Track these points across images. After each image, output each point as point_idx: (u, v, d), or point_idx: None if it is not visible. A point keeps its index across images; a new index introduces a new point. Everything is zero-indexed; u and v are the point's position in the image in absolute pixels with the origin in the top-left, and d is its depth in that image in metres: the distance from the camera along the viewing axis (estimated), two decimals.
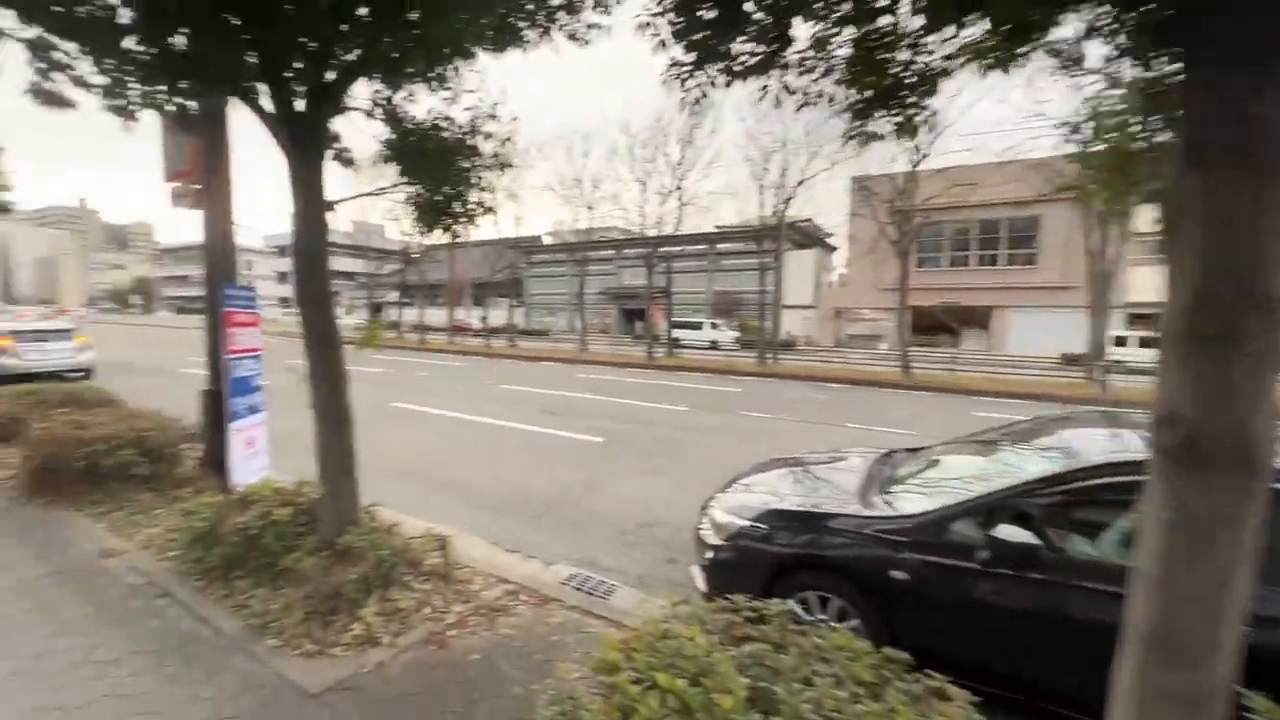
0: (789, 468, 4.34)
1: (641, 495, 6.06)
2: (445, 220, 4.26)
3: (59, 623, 3.07)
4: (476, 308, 51.80)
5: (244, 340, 4.86)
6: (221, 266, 4.74)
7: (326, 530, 3.66)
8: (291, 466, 6.42)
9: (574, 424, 9.62)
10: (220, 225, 4.76)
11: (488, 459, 7.40)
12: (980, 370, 18.73)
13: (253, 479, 4.96)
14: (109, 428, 5.30)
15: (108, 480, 5.07)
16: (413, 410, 10.68)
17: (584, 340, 24.30)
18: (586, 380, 16.02)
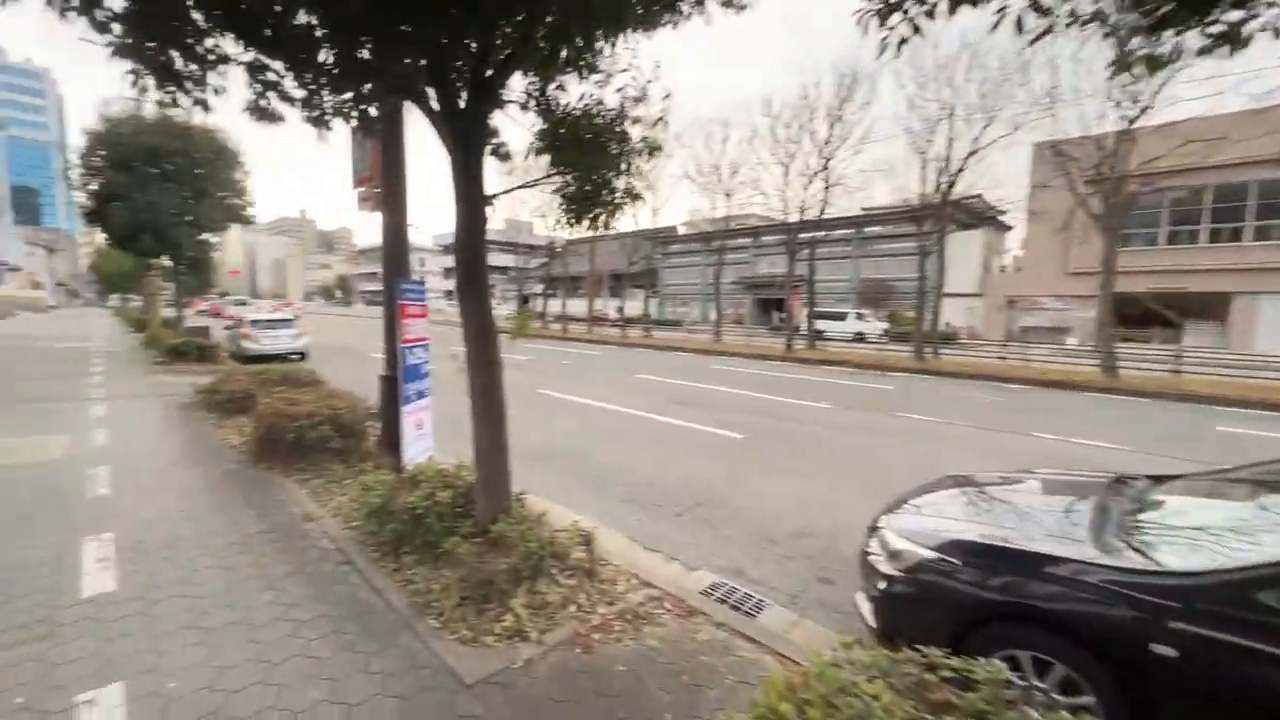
0: (972, 488, 3.64)
1: (788, 499, 5.60)
2: (593, 210, 4.18)
3: (268, 579, 3.49)
4: (613, 299, 53.72)
5: (415, 330, 5.27)
6: (397, 262, 5.16)
7: (481, 515, 3.78)
8: (452, 449, 6.99)
9: (710, 417, 9.34)
10: (396, 225, 5.18)
11: (625, 449, 7.40)
12: (1218, 372, 14.98)
13: (420, 458, 5.39)
14: (312, 405, 6.12)
15: (310, 451, 5.85)
16: (556, 397, 11.16)
17: (718, 331, 23.85)
18: (721, 372, 15.64)
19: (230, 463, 5.95)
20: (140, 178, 15.55)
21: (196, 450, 6.39)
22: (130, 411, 8.36)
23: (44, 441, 6.45)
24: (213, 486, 5.22)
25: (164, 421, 7.81)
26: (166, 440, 6.78)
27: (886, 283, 38.70)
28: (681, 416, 9.43)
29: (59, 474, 5.36)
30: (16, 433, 6.88)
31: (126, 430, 7.20)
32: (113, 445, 6.42)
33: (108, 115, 16.35)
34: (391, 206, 5.20)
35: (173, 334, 16.26)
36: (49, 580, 3.36)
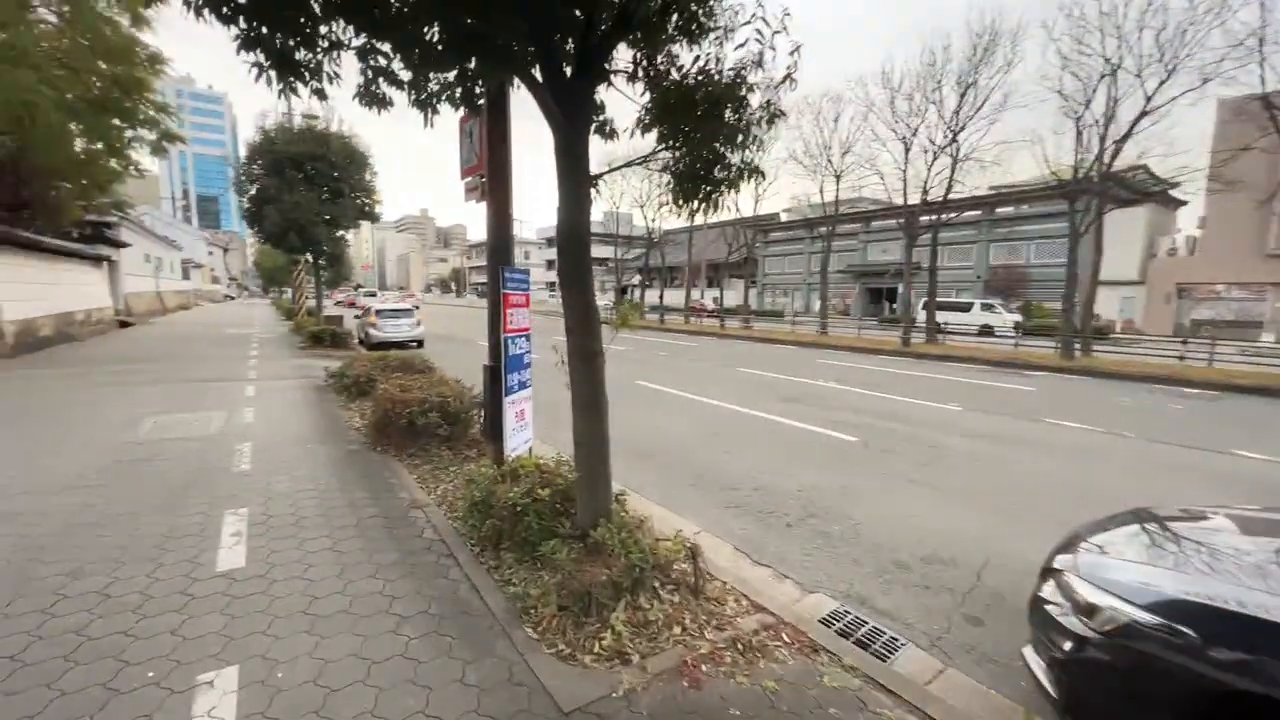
0: (1179, 526, 2.85)
1: (917, 517, 4.90)
2: (705, 189, 3.78)
3: (375, 565, 3.52)
4: (711, 289, 52.85)
5: (518, 320, 5.20)
6: (501, 252, 5.09)
7: (581, 517, 3.57)
8: (552, 438, 6.96)
9: (821, 416, 8.62)
10: (500, 214, 5.11)
11: (729, 448, 6.97)
12: None
13: (521, 449, 5.34)
14: (422, 393, 6.32)
15: (420, 436, 6.04)
16: (655, 390, 10.92)
17: (824, 322, 22.42)
18: (829, 367, 14.60)
19: (352, 444, 6.30)
20: (288, 182, 17.37)
21: (324, 430, 6.85)
22: (274, 392, 9.25)
23: (207, 418, 7.23)
24: (336, 466, 5.50)
25: (300, 402, 8.53)
26: (300, 420, 7.35)
27: (1019, 270, 34.53)
28: (789, 415, 8.79)
29: (214, 448, 5.93)
30: (189, 408, 7.81)
31: (269, 409, 7.92)
32: (257, 423, 7.06)
33: (264, 128, 18.45)
34: (496, 195, 5.13)
35: (313, 322, 18.09)
36: (192, 552, 3.61)
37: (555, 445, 7.06)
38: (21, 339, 12.66)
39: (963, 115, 16.69)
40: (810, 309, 49.18)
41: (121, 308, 23.41)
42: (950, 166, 17.55)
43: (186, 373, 10.93)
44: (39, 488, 4.69)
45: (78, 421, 6.93)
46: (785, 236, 51.19)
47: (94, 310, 18.84)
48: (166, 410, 7.64)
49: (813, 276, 49.75)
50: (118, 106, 11.69)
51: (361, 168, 19.07)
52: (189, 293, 40.87)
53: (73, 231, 20.37)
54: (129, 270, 25.38)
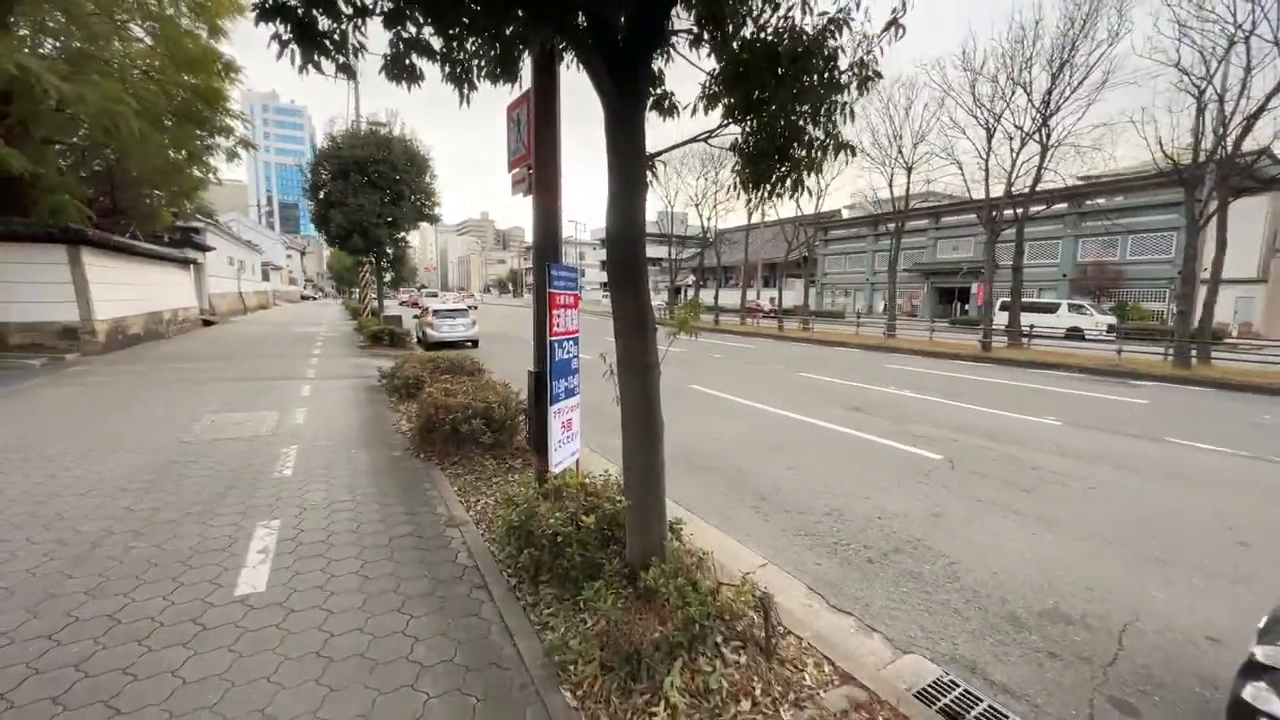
0: None
1: (1027, 558, 4.12)
2: (780, 168, 3.20)
3: (402, 597, 3.15)
4: (767, 288, 51.40)
5: (565, 322, 4.78)
6: (548, 248, 4.69)
7: (631, 553, 3.08)
8: (595, 440, 6.54)
9: (897, 430, 7.78)
10: (548, 207, 4.70)
11: (793, 463, 6.31)
12: None
13: (567, 461, 4.92)
14: (466, 398, 6.03)
15: (464, 443, 5.74)
16: (711, 395, 10.33)
17: (892, 324, 21.02)
18: (900, 373, 13.52)
19: (395, 449, 6.08)
20: (353, 185, 17.90)
21: (370, 433, 6.69)
22: (329, 392, 9.30)
23: (261, 418, 7.25)
24: (375, 474, 5.26)
25: (351, 403, 8.50)
26: (349, 422, 7.25)
27: (1111, 267, 31.46)
28: (860, 426, 8.00)
29: (260, 451, 5.85)
30: (247, 407, 7.91)
31: (321, 410, 7.90)
32: (306, 424, 7.00)
33: (331, 134, 19.13)
34: (544, 187, 4.72)
35: (375, 322, 18.56)
36: (215, 570, 3.37)
37: (606, 454, 6.66)
38: (112, 336, 13.51)
39: (1055, 97, 15.11)
40: (873, 309, 46.92)
41: (206, 307, 24.98)
42: (1039, 153, 15.95)
43: (252, 371, 11.26)
44: (91, 489, 4.66)
45: (144, 418, 7.09)
46: (846, 234, 49.08)
47: (180, 310, 20.10)
48: (225, 409, 7.75)
49: (876, 276, 47.43)
50: (198, 116, 12.25)
51: (422, 170, 19.45)
52: (268, 293, 43.48)
53: (164, 236, 21.89)
54: (213, 272, 27.09)
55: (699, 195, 30.79)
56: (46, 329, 12.13)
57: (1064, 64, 14.71)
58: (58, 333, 12.23)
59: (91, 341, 12.53)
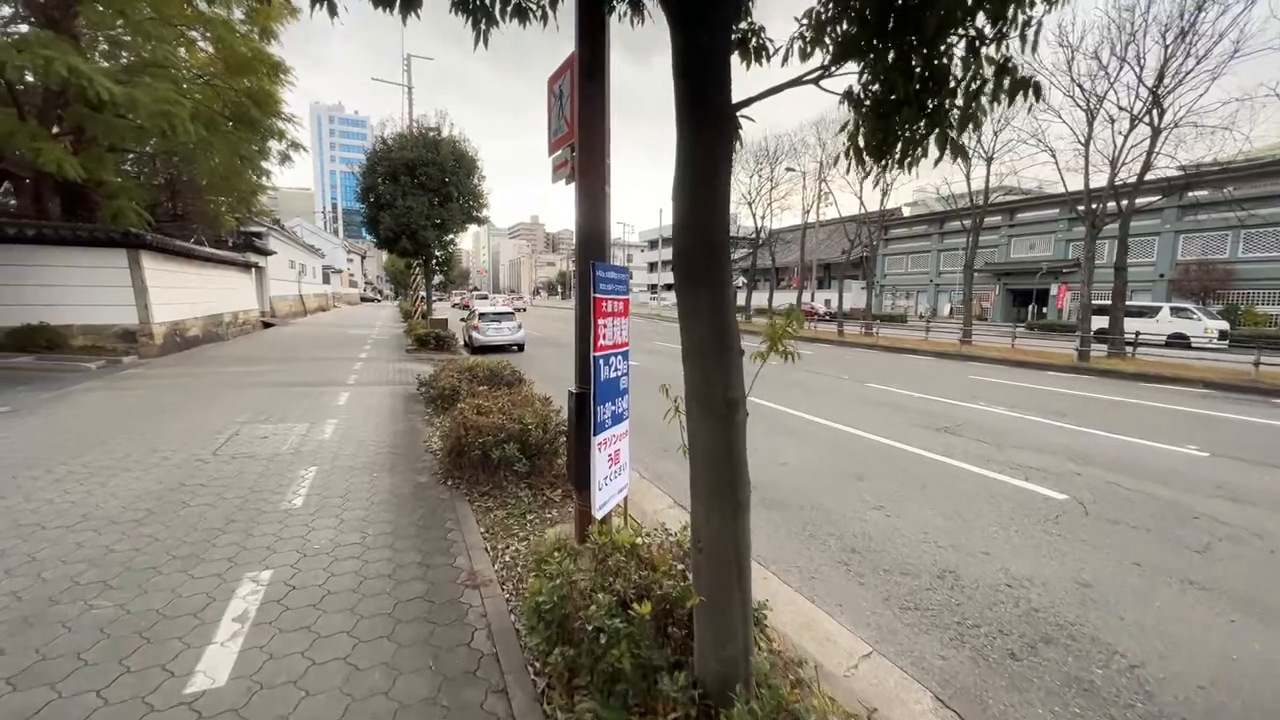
0: None
1: (1243, 662, 2.96)
2: (915, 126, 2.24)
3: (394, 706, 2.37)
4: (821, 290, 49.30)
5: (613, 333, 3.94)
6: (593, 244, 3.87)
7: (701, 664, 2.20)
8: (657, 471, 5.66)
9: (1000, 458, 6.55)
10: (593, 193, 3.89)
11: (883, 500, 5.24)
12: None
13: (614, 499, 4.09)
14: (502, 415, 5.29)
15: (496, 470, 5.00)
16: (774, 410, 9.30)
17: (967, 329, 19.17)
18: (986, 385, 12.01)
19: (422, 473, 5.40)
20: (402, 187, 17.81)
21: (399, 453, 6.07)
22: (365, 400, 8.84)
23: (288, 430, 6.79)
24: (394, 507, 4.58)
25: (385, 414, 7.97)
26: (378, 437, 6.67)
27: (1218, 266, 28.11)
28: (953, 452, 6.81)
29: (276, 473, 5.30)
30: (279, 416, 7.50)
31: (352, 422, 7.39)
32: (332, 440, 6.46)
33: (382, 136, 19.16)
34: (589, 170, 3.91)
35: (423, 325, 18.40)
36: (173, 647, 2.71)
37: (656, 480, 5.78)
38: (169, 339, 13.72)
39: (1172, 71, 13.18)
40: (937, 312, 44.11)
41: (266, 309, 25.76)
42: (1150, 137, 14.00)
43: (294, 375, 11.03)
44: (82, 519, 4.17)
45: (172, 429, 6.74)
46: (907, 233, 46.44)
47: (241, 312, 20.63)
48: (257, 418, 7.35)
49: (940, 276, 44.62)
50: (250, 119, 12.24)
51: (470, 172, 19.20)
52: (328, 296, 45.05)
53: (228, 240, 22.64)
54: (274, 275, 27.97)
55: (752, 193, 29.53)
56: (107, 331, 12.37)
57: (1185, 32, 12.79)
58: (117, 335, 12.45)
59: (149, 344, 12.70)
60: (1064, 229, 35.59)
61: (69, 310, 11.99)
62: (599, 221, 3.93)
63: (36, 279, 11.72)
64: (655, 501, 5.31)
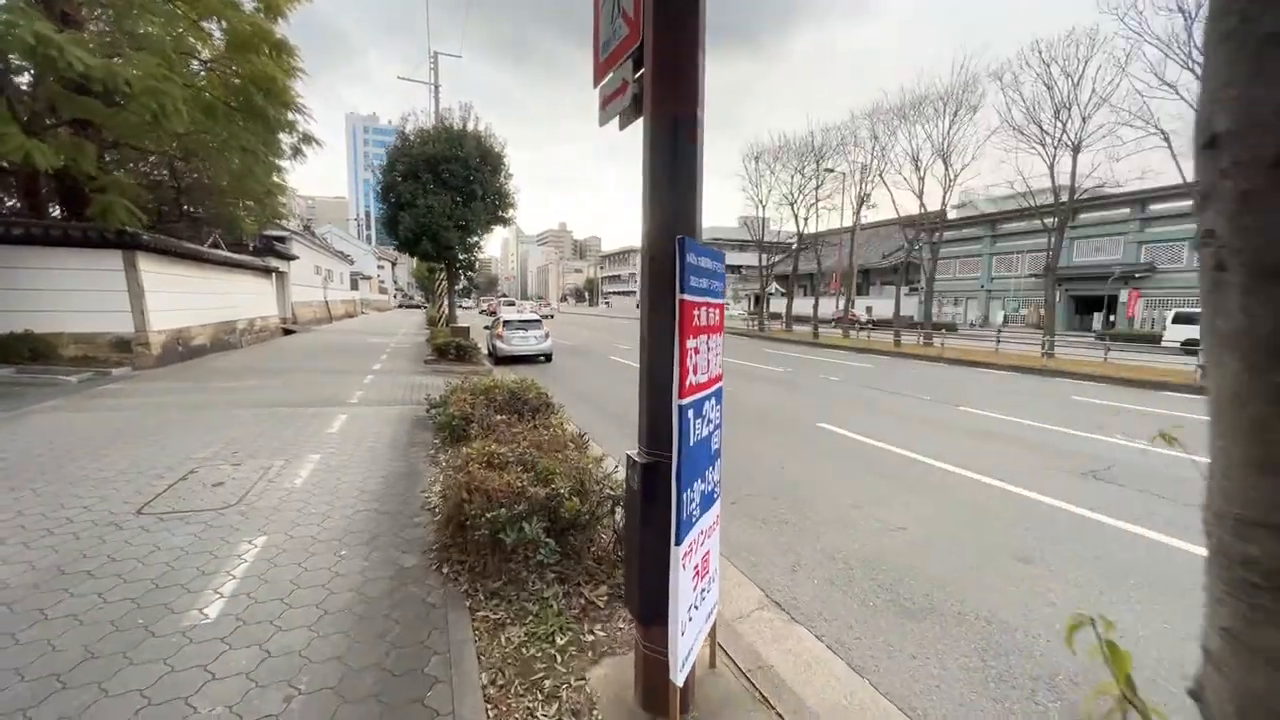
0: None
1: None
2: None
3: None
4: (860, 297, 46.86)
5: (705, 363, 2.31)
6: (676, 207, 2.25)
7: None
8: (749, 547, 3.97)
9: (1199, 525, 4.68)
10: (676, 121, 2.28)
11: (1083, 606, 3.46)
12: None
13: (700, 635, 2.47)
14: (521, 471, 3.70)
15: (512, 555, 3.40)
16: (849, 440, 7.52)
17: (1049, 341, 16.87)
18: (1101, 410, 9.96)
19: (410, 551, 3.83)
20: (423, 185, 16.59)
21: (386, 512, 4.53)
22: (362, 428, 7.38)
23: (253, 472, 5.35)
24: (357, 620, 3.02)
25: (383, 448, 6.49)
26: (363, 486, 5.16)
27: None
28: (1133, 514, 4.96)
29: (202, 552, 3.79)
30: (254, 450, 6.09)
31: (339, 459, 5.92)
32: (301, 490, 4.96)
33: (403, 131, 18.03)
34: (670, 88, 2.30)
35: (444, 333, 17.11)
36: None
37: (730, 548, 4.03)
38: (170, 348, 12.63)
39: None
40: (989, 320, 41.20)
41: (288, 316, 24.95)
42: None
43: (293, 392, 9.71)
44: None
45: (113, 468, 5.36)
46: (955, 236, 43.70)
47: (258, 319, 19.70)
48: (226, 450, 5.94)
49: (993, 282, 41.77)
50: (254, 106, 11.08)
51: (496, 169, 17.91)
52: (355, 302, 44.64)
53: (248, 244, 21.85)
54: (298, 281, 27.23)
55: (794, 193, 27.66)
56: (99, 340, 11.30)
57: None
58: (111, 344, 11.37)
59: (145, 354, 11.60)
60: (1136, 230, 32.67)
61: (58, 317, 10.95)
62: (685, 171, 2.30)
63: (21, 282, 10.71)
64: (737, 595, 3.64)
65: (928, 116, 20.89)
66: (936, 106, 20.49)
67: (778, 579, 3.96)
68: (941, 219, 23.14)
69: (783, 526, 4.83)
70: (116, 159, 14.70)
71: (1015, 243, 39.53)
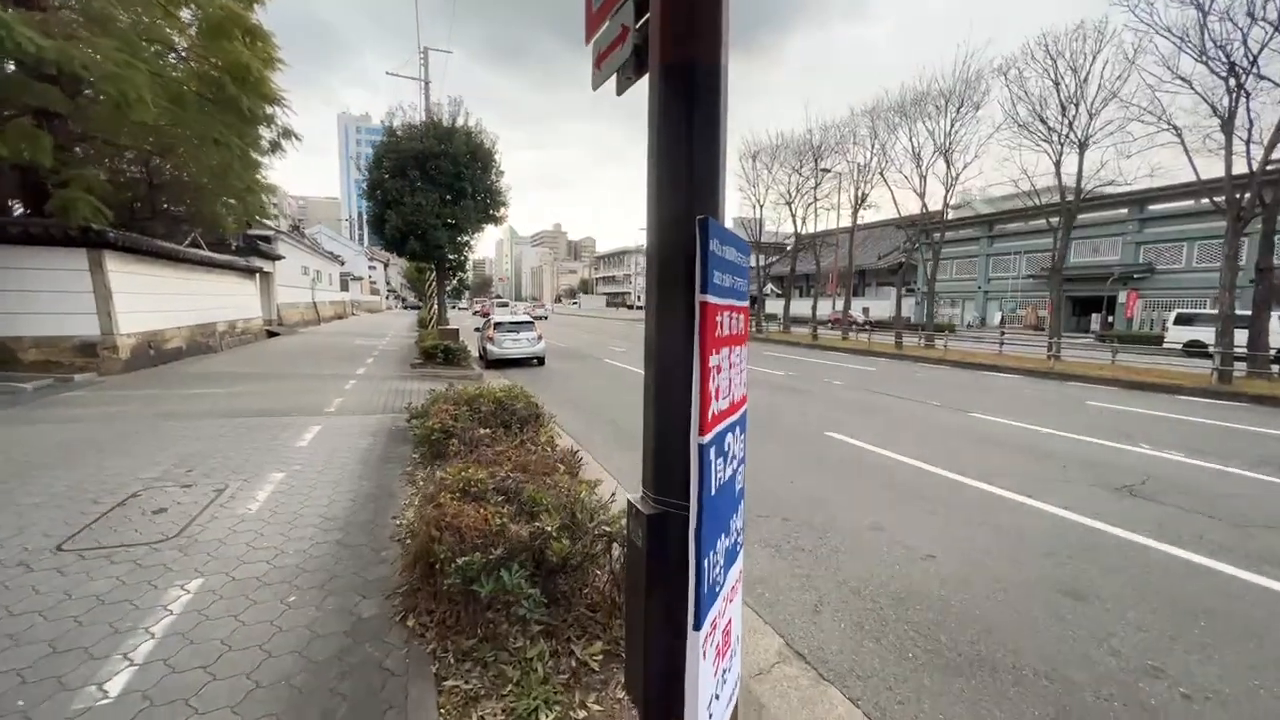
0: None
1: None
2: None
3: None
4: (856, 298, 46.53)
5: (728, 386, 1.77)
6: (697, 174, 1.71)
7: None
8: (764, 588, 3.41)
9: (1255, 549, 4.19)
10: (696, 70, 1.73)
11: (1152, 656, 2.96)
12: None
13: None
14: (502, 503, 3.16)
15: (488, 610, 2.85)
16: (858, 449, 7.02)
17: (1056, 342, 16.42)
18: (1121, 416, 9.50)
19: (371, 594, 3.28)
20: (411, 182, 16.00)
21: (348, 544, 3.98)
22: (336, 441, 6.82)
23: (204, 495, 4.78)
24: (297, 691, 2.48)
25: (355, 464, 5.94)
26: (327, 512, 4.61)
27: None
28: (1180, 539, 4.47)
29: (121, 601, 3.24)
30: (206, 468, 5.52)
31: (304, 478, 5.37)
32: (255, 518, 4.40)
33: (391, 127, 17.44)
34: (687, 32, 1.75)
35: (433, 336, 16.51)
36: None
37: (763, 603, 3.50)
38: (140, 351, 11.98)
39: None
40: (986, 321, 40.91)
41: (273, 317, 24.25)
42: None
43: (266, 399, 9.11)
44: None
45: (48, 490, 4.79)
46: (953, 236, 43.42)
47: (240, 320, 19.03)
48: (176, 470, 5.37)
49: (990, 283, 41.52)
50: (226, 96, 10.46)
51: (486, 166, 17.34)
52: (346, 303, 43.81)
53: (231, 244, 21.13)
54: (284, 282, 26.51)
55: (791, 192, 27.22)
56: (63, 344, 10.65)
57: None
58: (75, 348, 10.73)
59: (112, 358, 10.96)
60: (1134, 230, 32.47)
61: (18, 320, 10.30)
62: (706, 135, 1.77)
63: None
64: (754, 645, 3.11)
65: (929, 114, 20.48)
66: (938, 103, 20.08)
67: (799, 622, 3.44)
68: (942, 219, 22.72)
69: (799, 554, 4.31)
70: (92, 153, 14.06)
71: (1012, 243, 39.31)
